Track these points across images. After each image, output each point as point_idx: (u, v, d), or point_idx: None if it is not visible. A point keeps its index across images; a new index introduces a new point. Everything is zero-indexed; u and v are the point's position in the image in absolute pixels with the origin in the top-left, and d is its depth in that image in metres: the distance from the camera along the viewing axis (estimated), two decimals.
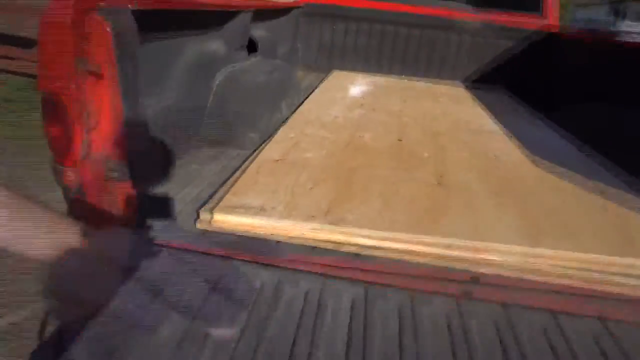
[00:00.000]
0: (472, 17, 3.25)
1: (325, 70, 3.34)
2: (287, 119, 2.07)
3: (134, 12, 1.06)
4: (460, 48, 3.33)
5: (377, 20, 3.30)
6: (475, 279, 1.05)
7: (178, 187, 1.36)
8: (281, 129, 1.89)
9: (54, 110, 0.98)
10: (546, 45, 3.17)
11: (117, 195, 1.08)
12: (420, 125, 2.22)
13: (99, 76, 1.01)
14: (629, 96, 2.18)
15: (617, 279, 1.07)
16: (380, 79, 3.25)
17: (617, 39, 2.83)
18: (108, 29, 0.98)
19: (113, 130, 1.05)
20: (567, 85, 2.87)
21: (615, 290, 1.04)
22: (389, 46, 3.37)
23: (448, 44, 3.32)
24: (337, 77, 3.22)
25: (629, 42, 2.50)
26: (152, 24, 1.16)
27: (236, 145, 1.71)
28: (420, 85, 3.25)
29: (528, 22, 3.23)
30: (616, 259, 1.10)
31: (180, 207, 1.24)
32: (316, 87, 2.78)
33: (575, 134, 2.25)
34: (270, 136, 1.81)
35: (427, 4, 3.27)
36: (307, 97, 2.50)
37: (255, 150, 1.69)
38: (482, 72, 3.37)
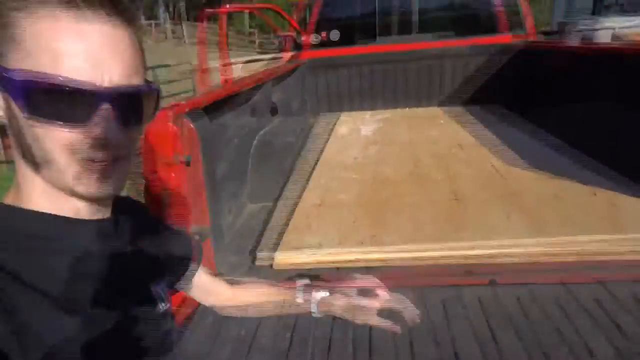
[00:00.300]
0: (461, 43, 3.62)
1: (335, 113, 3.71)
2: (314, 166, 2.41)
3: (205, 110, 1.43)
4: (454, 72, 3.68)
5: (374, 61, 3.69)
6: (499, 267, 1.35)
7: (241, 238, 1.69)
8: (312, 176, 2.23)
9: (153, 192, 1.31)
10: (529, 58, 3.51)
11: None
12: (428, 150, 2.55)
13: (188, 164, 1.36)
14: (603, 98, 2.49)
15: (610, 249, 1.36)
16: (386, 114, 3.62)
17: (594, 46, 3.13)
18: (193, 128, 1.34)
19: (198, 202, 1.39)
20: (549, 92, 3.19)
21: (608, 258, 1.33)
22: (390, 82, 3.74)
23: (442, 71, 3.69)
24: (346, 118, 3.59)
25: (599, 48, 2.83)
26: (214, 112, 1.53)
27: (271, 197, 2.04)
28: (421, 112, 3.61)
29: (512, 39, 3.57)
30: (606, 236, 1.39)
31: (250, 254, 1.57)
32: (331, 131, 3.14)
33: (558, 136, 2.56)
34: (305, 184, 2.14)
35: (418, 40, 3.65)
36: (326, 143, 2.85)
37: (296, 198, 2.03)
38: (475, 93, 3.70)
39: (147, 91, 0.51)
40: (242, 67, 4.78)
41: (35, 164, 0.49)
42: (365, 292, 0.78)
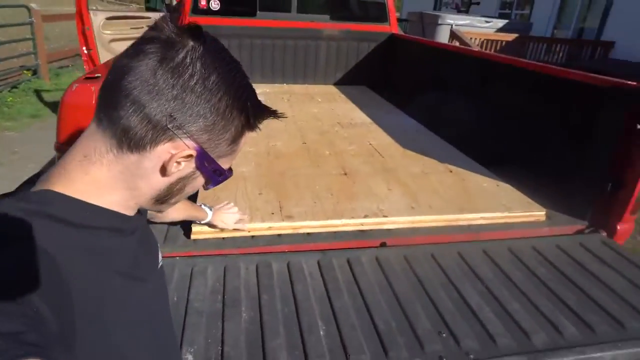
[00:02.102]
0: (335, 27, 3.89)
1: None
2: None
3: None
4: (328, 54, 3.96)
5: (254, 35, 3.75)
6: (387, 234, 1.64)
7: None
8: None
9: None
10: (392, 47, 3.97)
11: None
12: (312, 127, 2.78)
13: None
14: (450, 85, 3.03)
15: (465, 216, 1.76)
16: (265, 88, 3.74)
17: (437, 41, 3.71)
18: None
19: None
20: (407, 77, 3.69)
21: (465, 223, 1.73)
22: (268, 57, 3.85)
23: (318, 51, 3.93)
24: None
25: (441, 44, 3.38)
26: None
27: None
28: (299, 89, 3.82)
29: (379, 29, 3.99)
30: (463, 213, 1.79)
31: (174, 228, 1.60)
32: None
33: (418, 117, 3.04)
34: None
35: (297, 19, 3.81)
36: None
37: None
38: (346, 74, 4.06)
39: None
40: (102, 21, 4.35)
41: (154, 194, 0.59)
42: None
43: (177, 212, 1.37)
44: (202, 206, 1.53)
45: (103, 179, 0.55)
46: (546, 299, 1.35)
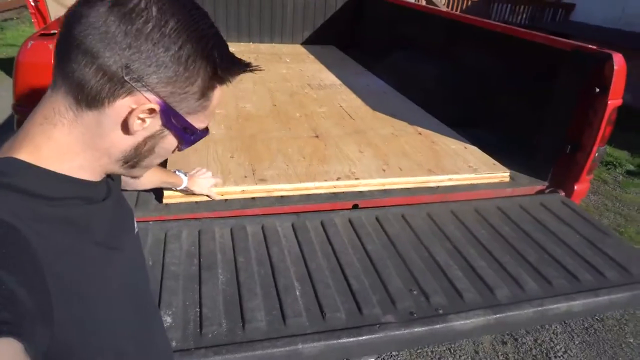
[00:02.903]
0: None
1: None
2: None
3: None
4: (294, 11, 3.84)
5: None
6: (359, 196, 1.67)
7: None
8: None
9: None
10: (361, 6, 3.88)
11: None
12: (282, 88, 2.73)
13: None
14: (419, 46, 3.02)
15: (433, 178, 1.80)
16: (232, 47, 3.59)
17: (414, 5, 3.66)
18: None
19: None
20: (375, 37, 3.65)
21: (432, 185, 1.78)
22: (233, 14, 3.70)
23: (284, 8, 3.80)
24: None
25: (409, 3, 3.35)
26: None
27: None
28: (266, 48, 3.71)
29: None
30: (431, 175, 1.83)
31: (145, 193, 1.57)
32: None
33: (387, 79, 3.04)
34: None
35: None
36: None
37: None
38: (314, 33, 3.96)
39: None
40: None
41: (110, 155, 0.55)
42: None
43: (150, 178, 1.35)
44: (177, 172, 1.49)
45: (65, 143, 0.52)
46: (509, 256, 1.44)
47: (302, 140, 2.00)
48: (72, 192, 0.54)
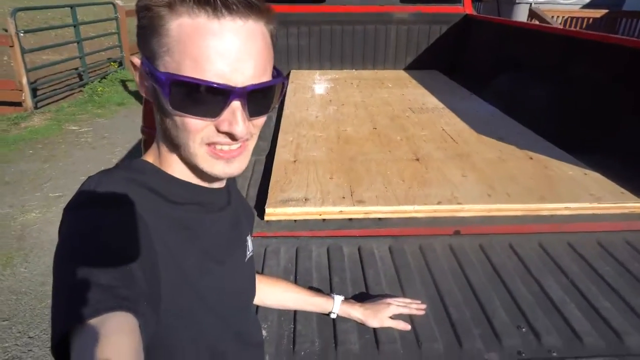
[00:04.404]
0: (405, 9, 3.78)
1: (282, 70, 3.74)
2: (277, 123, 2.49)
3: None
4: (397, 38, 3.86)
5: (324, 21, 3.74)
6: (461, 222, 1.58)
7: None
8: (279, 134, 2.32)
9: None
10: (466, 29, 3.78)
11: None
12: (383, 112, 2.73)
13: None
14: (530, 66, 2.83)
15: (547, 206, 1.65)
16: (334, 74, 3.73)
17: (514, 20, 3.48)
18: None
19: None
20: (482, 60, 3.50)
21: (547, 214, 1.62)
22: (337, 43, 3.83)
23: (387, 36, 3.84)
24: (296, 76, 3.64)
25: (521, 22, 3.16)
26: None
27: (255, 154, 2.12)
28: (368, 74, 3.77)
29: (451, 10, 3.81)
30: (544, 203, 1.68)
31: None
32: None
33: (494, 102, 2.87)
34: (272, 141, 2.23)
35: (365, 4, 3.74)
36: (282, 100, 2.91)
37: (267, 155, 2.11)
38: (417, 58, 3.93)
39: (274, 84, 0.57)
40: None
41: (173, 144, 0.57)
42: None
43: (289, 296, 1.14)
44: (332, 295, 1.17)
45: (162, 147, 0.60)
46: None
47: (402, 163, 1.97)
48: (189, 198, 0.59)
